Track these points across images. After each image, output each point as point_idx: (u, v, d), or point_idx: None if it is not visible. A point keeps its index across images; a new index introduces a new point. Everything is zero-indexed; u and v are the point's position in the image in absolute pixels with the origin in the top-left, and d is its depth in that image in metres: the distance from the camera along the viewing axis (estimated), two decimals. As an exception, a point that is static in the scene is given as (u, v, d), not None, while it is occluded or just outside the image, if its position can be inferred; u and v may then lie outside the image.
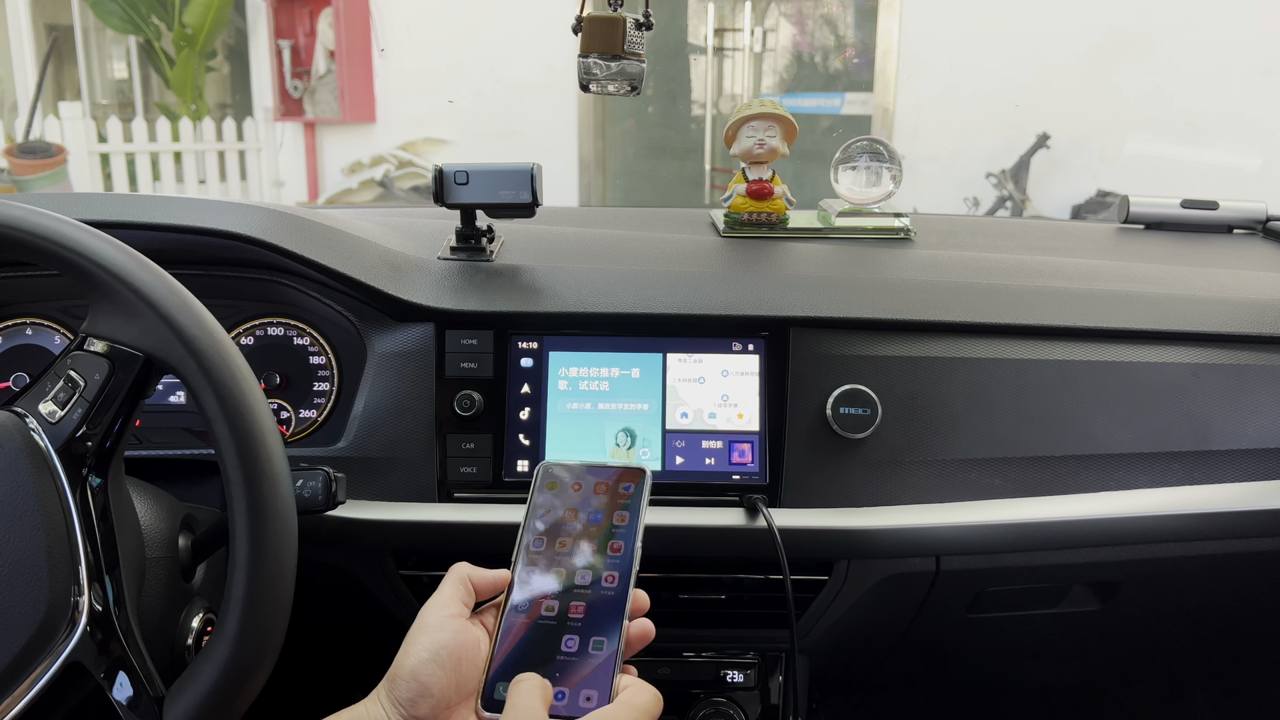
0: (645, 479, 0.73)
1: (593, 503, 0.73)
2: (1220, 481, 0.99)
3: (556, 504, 0.73)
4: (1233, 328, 1.02)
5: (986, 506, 0.96)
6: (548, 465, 0.75)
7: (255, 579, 0.64)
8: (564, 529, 0.71)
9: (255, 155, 6.54)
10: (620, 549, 0.70)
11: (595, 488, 0.73)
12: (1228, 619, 1.17)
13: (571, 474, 0.74)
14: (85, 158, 5.87)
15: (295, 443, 0.99)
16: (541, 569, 0.70)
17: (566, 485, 0.74)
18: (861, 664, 1.20)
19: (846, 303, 0.98)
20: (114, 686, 0.62)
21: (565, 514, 0.72)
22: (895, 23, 5.36)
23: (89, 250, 0.66)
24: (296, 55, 6.38)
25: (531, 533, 0.71)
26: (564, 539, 0.71)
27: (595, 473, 0.74)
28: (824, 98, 5.74)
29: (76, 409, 0.66)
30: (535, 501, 0.73)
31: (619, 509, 0.72)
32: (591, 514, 0.72)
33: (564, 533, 0.71)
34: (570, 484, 0.74)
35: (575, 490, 0.73)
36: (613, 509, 0.72)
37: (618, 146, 6.23)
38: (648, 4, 0.94)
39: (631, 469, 0.74)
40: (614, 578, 0.69)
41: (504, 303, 0.97)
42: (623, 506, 0.72)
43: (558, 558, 0.70)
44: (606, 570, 0.69)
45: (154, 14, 6.47)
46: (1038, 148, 4.99)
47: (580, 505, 0.72)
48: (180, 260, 0.93)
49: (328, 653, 1.15)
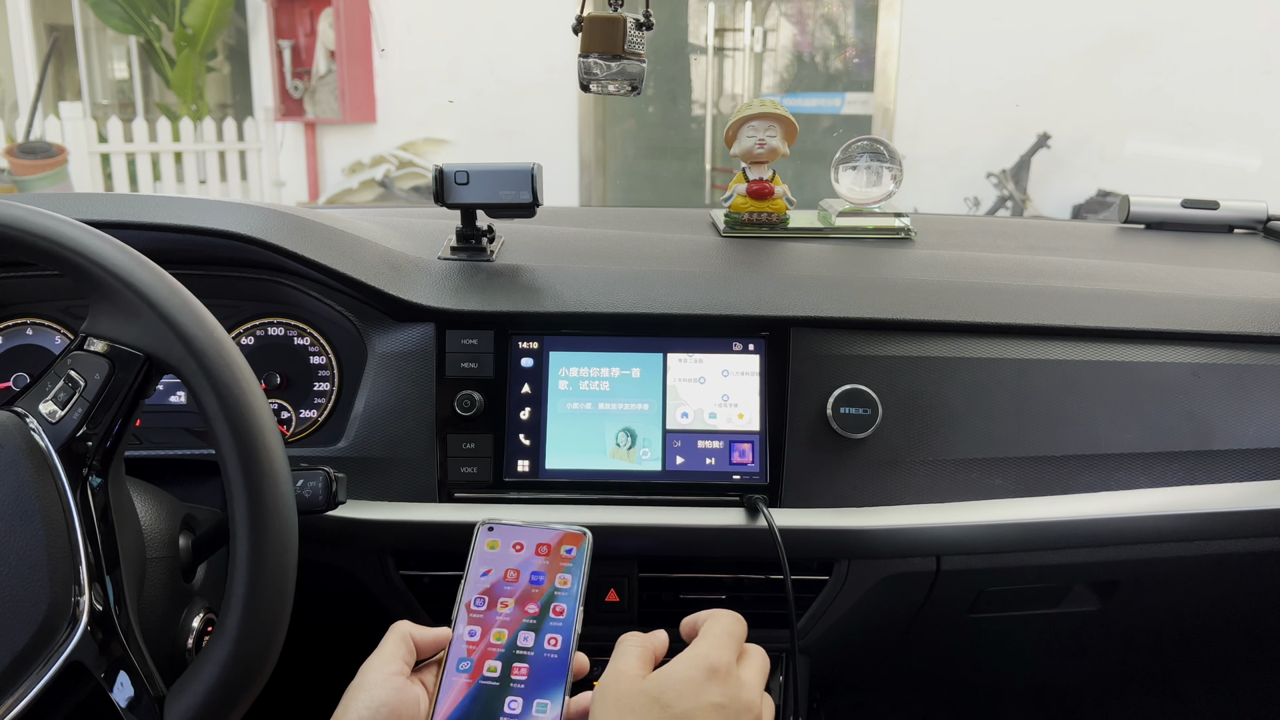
0: (586, 543, 0.73)
1: (534, 564, 0.73)
2: (1221, 481, 0.99)
3: (497, 564, 0.73)
4: (1233, 328, 1.02)
5: (987, 506, 0.96)
6: (489, 523, 0.75)
7: (256, 579, 0.64)
8: (505, 589, 0.72)
9: (256, 155, 6.54)
10: (563, 612, 0.70)
11: (537, 549, 0.73)
12: (1228, 619, 1.17)
13: (512, 534, 0.74)
14: (86, 158, 5.87)
15: (296, 443, 0.99)
16: (483, 629, 0.70)
17: (507, 545, 0.74)
18: (862, 664, 1.20)
19: (847, 303, 0.98)
20: (114, 686, 0.62)
21: (507, 573, 0.72)
22: (896, 22, 5.36)
23: (89, 250, 0.66)
24: (297, 55, 6.38)
25: (473, 590, 0.72)
26: (505, 599, 0.71)
27: (537, 534, 0.74)
28: (824, 98, 5.74)
29: (77, 409, 0.66)
30: (475, 560, 0.73)
31: (561, 571, 0.72)
32: (533, 575, 0.72)
33: (505, 593, 0.71)
34: (511, 544, 0.74)
35: (516, 551, 0.74)
36: (554, 571, 0.72)
37: (618, 146, 6.23)
38: (648, 4, 0.94)
39: (573, 533, 0.74)
40: (556, 640, 0.69)
41: (504, 303, 0.97)
42: (565, 569, 0.72)
43: (500, 618, 0.70)
44: (549, 633, 0.70)
45: (154, 14, 6.48)
46: (1038, 147, 4.99)
47: (521, 566, 0.73)
48: (181, 260, 0.93)
49: (328, 653, 1.15)
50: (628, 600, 0.97)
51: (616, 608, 0.97)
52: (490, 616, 0.70)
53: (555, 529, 0.74)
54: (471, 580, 0.72)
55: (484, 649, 0.69)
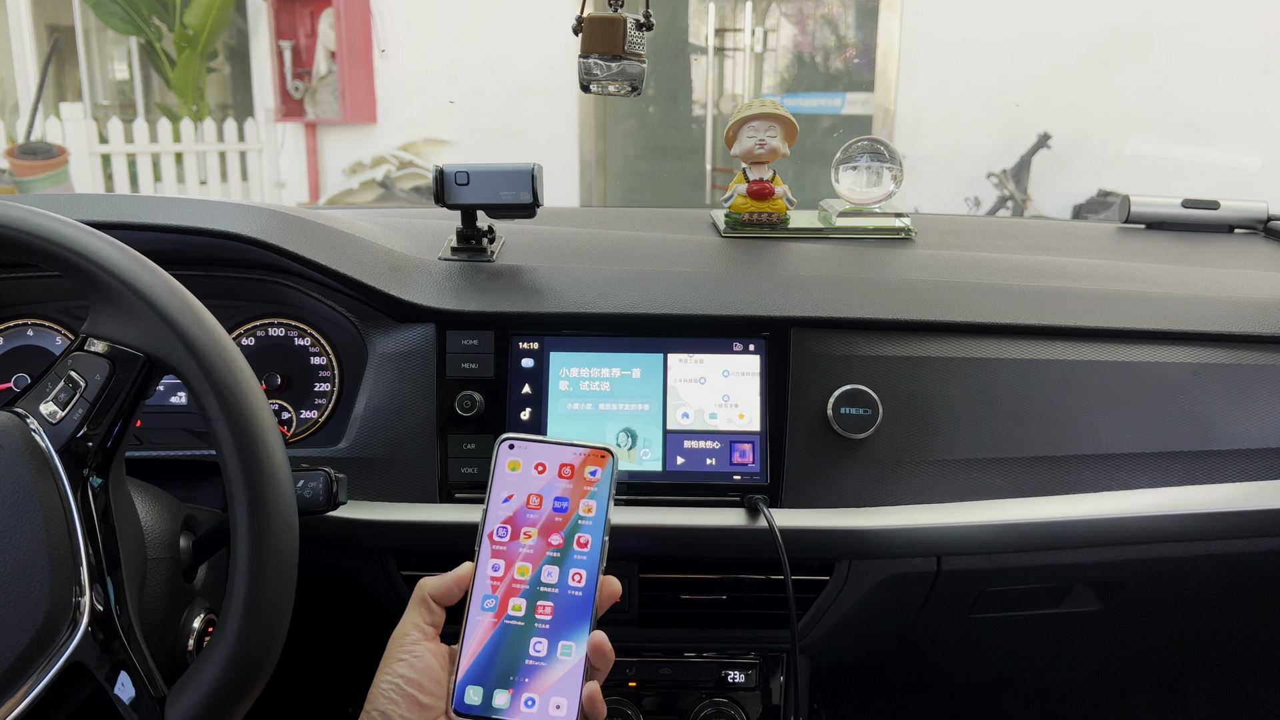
0: (612, 464, 0.71)
1: (557, 487, 0.70)
2: (1221, 481, 0.99)
3: (519, 488, 0.70)
4: (1234, 327, 1.02)
5: (988, 506, 0.96)
6: (509, 440, 0.71)
7: (256, 579, 0.64)
8: (528, 518, 0.69)
9: (256, 156, 6.54)
10: (587, 544, 0.69)
11: (560, 470, 0.70)
12: (1229, 619, 1.17)
13: (534, 452, 0.71)
14: (86, 159, 5.87)
15: (296, 443, 0.99)
16: (507, 563, 0.68)
17: (529, 466, 0.71)
18: (863, 664, 1.20)
19: (847, 303, 0.98)
20: (115, 687, 0.62)
21: (529, 499, 0.70)
22: (896, 23, 5.36)
23: (90, 251, 0.66)
24: (297, 56, 6.38)
25: (495, 519, 0.69)
26: (528, 529, 0.69)
27: (560, 452, 0.71)
28: (825, 98, 5.74)
29: (77, 409, 0.66)
30: (496, 483, 0.70)
31: (585, 497, 0.70)
32: (556, 501, 0.70)
33: (528, 522, 0.69)
34: (533, 464, 0.71)
35: (539, 472, 0.70)
36: (579, 497, 0.70)
37: (618, 147, 6.23)
38: (648, 4, 0.94)
39: (598, 451, 0.71)
40: (581, 576, 0.68)
41: (505, 303, 0.97)
42: (590, 495, 0.70)
43: (523, 550, 0.68)
44: (573, 568, 0.68)
45: (155, 15, 6.48)
46: (1039, 147, 4.99)
47: (544, 490, 0.70)
48: (181, 261, 0.93)
49: (328, 653, 1.15)
50: (628, 600, 0.97)
51: (617, 608, 0.97)
52: (514, 549, 0.68)
53: (579, 447, 0.71)
54: (493, 508, 0.70)
55: (508, 585, 0.68)
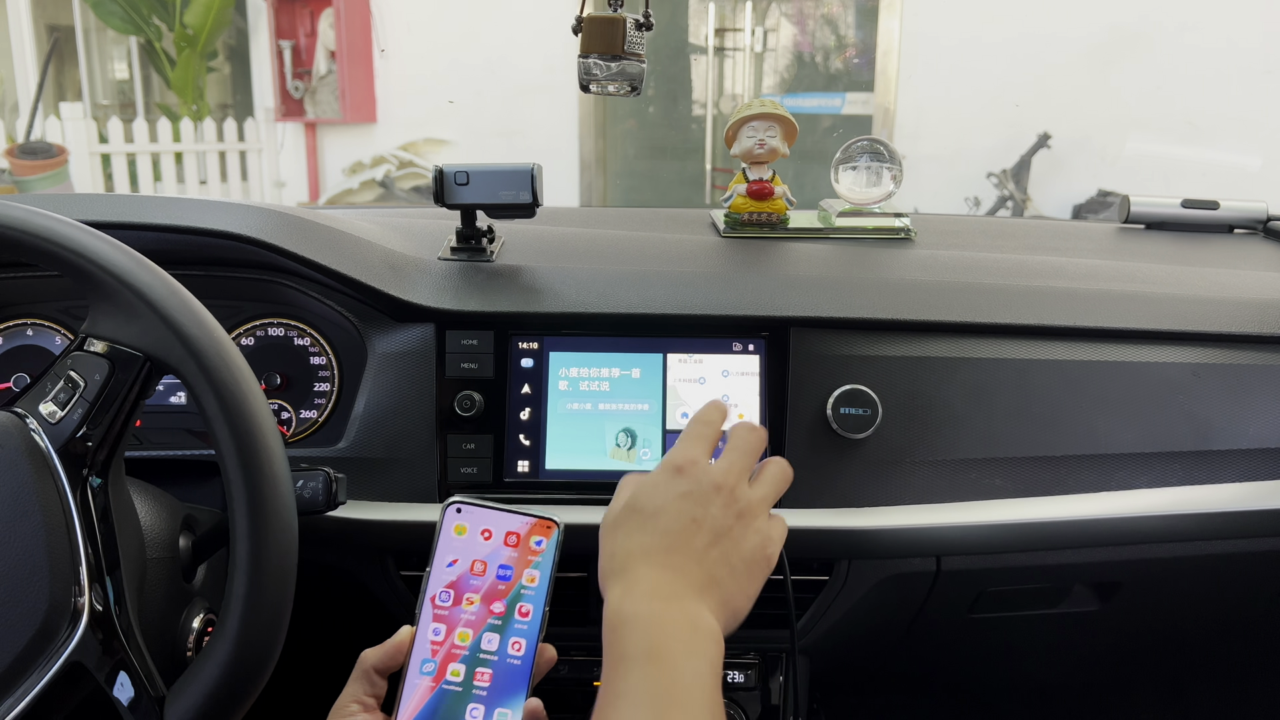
0: (556, 534, 0.71)
1: (502, 555, 0.70)
2: (1221, 481, 0.99)
3: (464, 553, 0.70)
4: (1233, 328, 1.01)
5: (987, 506, 0.96)
6: (456, 504, 0.72)
7: (256, 579, 0.64)
8: (471, 584, 0.70)
9: (256, 156, 6.54)
10: (529, 613, 0.69)
11: (506, 538, 0.71)
12: (1229, 619, 1.17)
13: (481, 518, 0.71)
14: (86, 158, 5.87)
15: (295, 443, 0.99)
16: (448, 628, 0.69)
17: (475, 531, 0.71)
18: (862, 664, 1.20)
19: (847, 303, 0.98)
20: (115, 687, 0.62)
21: (474, 565, 0.70)
22: (896, 22, 5.36)
23: (89, 251, 0.66)
24: (297, 56, 6.38)
25: (438, 583, 0.70)
26: (471, 595, 0.69)
27: (506, 520, 0.71)
28: (825, 98, 5.74)
29: (77, 409, 0.66)
30: (441, 546, 0.71)
31: (529, 567, 0.70)
32: (500, 570, 0.70)
33: (471, 588, 0.70)
34: (479, 530, 0.71)
35: (484, 539, 0.71)
36: (523, 566, 0.70)
37: (618, 147, 6.23)
38: (648, 4, 0.94)
39: (544, 521, 0.71)
40: (521, 645, 0.68)
41: (504, 303, 0.97)
42: (534, 564, 0.70)
43: (464, 616, 0.69)
44: (514, 636, 0.68)
45: (155, 14, 6.48)
46: (1039, 147, 4.99)
47: (489, 558, 0.70)
48: (181, 261, 0.93)
49: (328, 653, 1.15)
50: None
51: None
52: (455, 614, 0.69)
53: (526, 516, 0.71)
54: (437, 571, 0.70)
55: (448, 650, 0.68)
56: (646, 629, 0.61)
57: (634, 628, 0.61)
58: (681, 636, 0.61)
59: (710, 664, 0.60)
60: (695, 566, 0.65)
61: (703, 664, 0.60)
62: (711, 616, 0.63)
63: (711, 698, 0.59)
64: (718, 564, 0.66)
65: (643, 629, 0.61)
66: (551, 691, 1.00)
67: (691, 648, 0.60)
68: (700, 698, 0.58)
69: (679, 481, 0.69)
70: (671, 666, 0.59)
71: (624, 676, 0.59)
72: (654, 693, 0.57)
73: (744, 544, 0.68)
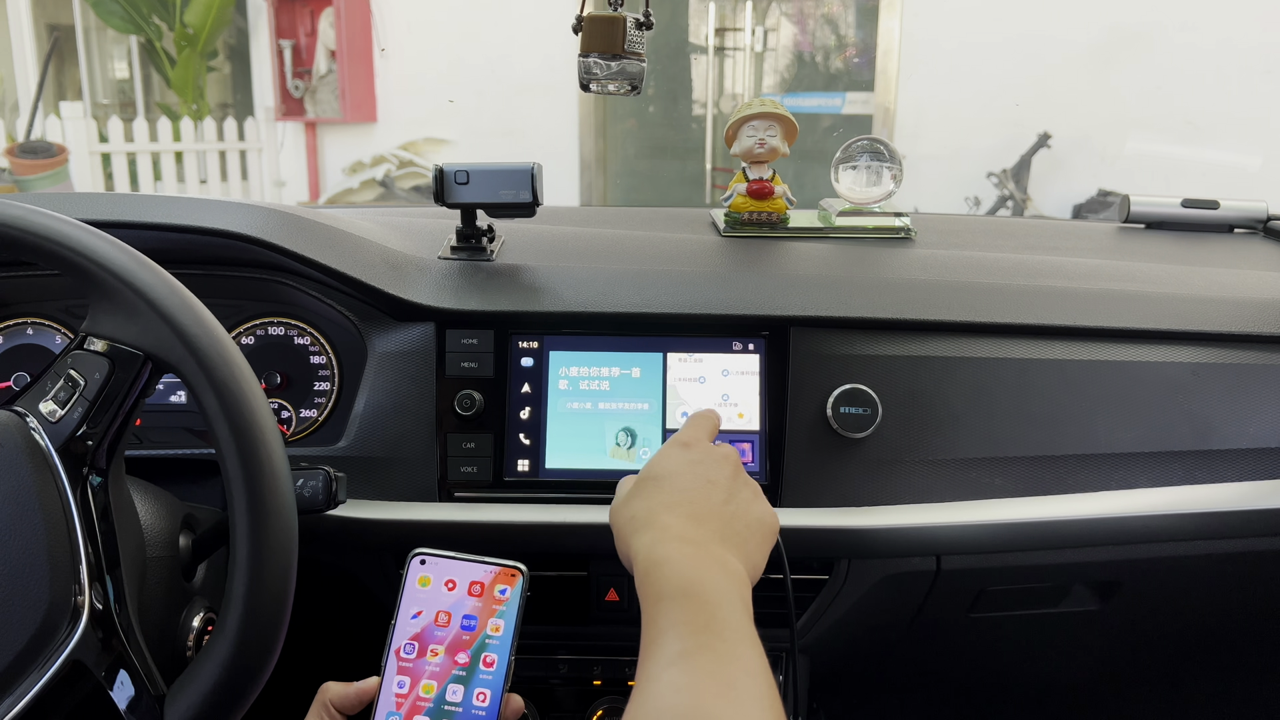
0: (522, 583, 0.72)
1: (466, 605, 0.71)
2: (1221, 481, 0.99)
3: (429, 604, 0.71)
4: (1233, 327, 1.02)
5: (987, 506, 0.96)
6: (420, 555, 0.73)
7: (256, 578, 0.64)
8: (435, 635, 0.70)
9: (256, 155, 6.54)
10: (494, 663, 0.69)
11: (470, 588, 0.72)
12: (1228, 619, 1.17)
13: (444, 569, 0.72)
14: (86, 157, 5.87)
15: (296, 442, 0.99)
16: (412, 680, 0.69)
17: (439, 582, 0.72)
18: (862, 664, 1.20)
19: (847, 302, 0.98)
20: (115, 685, 0.62)
21: (438, 616, 0.71)
22: (896, 22, 5.36)
23: (89, 250, 0.66)
24: (297, 55, 6.38)
25: (402, 635, 0.70)
26: (435, 647, 0.70)
27: (470, 569, 0.72)
28: (825, 97, 5.74)
29: (77, 408, 0.66)
30: (406, 599, 0.72)
31: (494, 616, 0.71)
32: (465, 620, 0.71)
33: (435, 639, 0.70)
34: (443, 581, 0.72)
35: (449, 590, 0.72)
36: (487, 615, 0.71)
37: (618, 146, 6.23)
38: (648, 3, 0.94)
39: (508, 569, 0.72)
40: (485, 696, 0.69)
41: (504, 302, 0.97)
42: (498, 613, 0.71)
43: (429, 668, 0.69)
44: (479, 687, 0.69)
45: (155, 14, 6.48)
46: (1039, 147, 4.99)
47: (453, 608, 0.71)
48: (181, 260, 0.93)
49: (328, 652, 1.15)
50: (627, 600, 0.97)
51: (616, 607, 0.97)
52: (420, 666, 0.69)
53: (490, 565, 0.72)
54: (401, 623, 0.71)
55: (412, 703, 0.68)
56: (680, 568, 0.63)
57: (670, 567, 0.63)
58: (714, 573, 0.64)
59: (743, 601, 0.63)
60: (715, 519, 0.69)
61: (736, 600, 0.63)
62: (738, 562, 0.67)
63: (749, 630, 0.61)
64: (734, 519, 0.70)
65: (677, 568, 0.63)
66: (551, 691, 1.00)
67: (724, 585, 0.63)
68: (739, 628, 0.60)
69: (689, 452, 0.75)
70: (708, 600, 0.61)
71: (665, 613, 0.60)
72: (696, 624, 0.59)
73: (753, 508, 0.73)
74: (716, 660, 0.56)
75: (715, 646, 0.57)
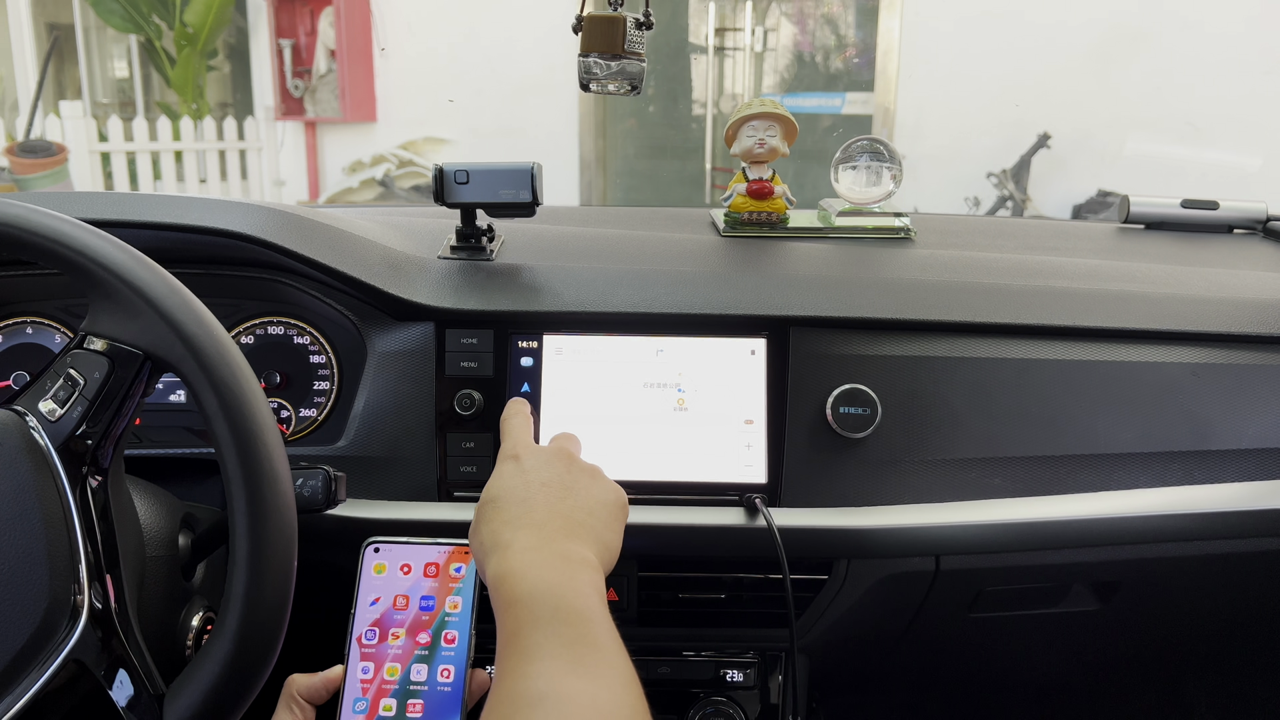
0: None
1: (423, 587, 0.72)
2: (1220, 481, 0.99)
3: (386, 590, 0.72)
4: (1233, 328, 1.02)
5: (986, 506, 0.96)
6: (373, 544, 0.74)
7: (255, 578, 0.64)
8: (395, 619, 0.71)
9: (256, 154, 6.54)
10: (455, 639, 0.70)
11: (425, 569, 0.72)
12: (1228, 619, 1.17)
13: (398, 554, 0.73)
14: (86, 156, 5.87)
15: (295, 441, 0.99)
16: (376, 665, 0.70)
17: (394, 567, 0.73)
18: (861, 663, 1.20)
19: (846, 302, 0.98)
20: (114, 684, 0.62)
21: (396, 600, 0.72)
22: (896, 22, 5.36)
23: (89, 249, 0.66)
24: (297, 54, 6.38)
25: (362, 623, 0.71)
26: (396, 630, 0.70)
27: (424, 552, 0.73)
28: (825, 97, 5.74)
29: (76, 407, 0.66)
30: (363, 587, 0.72)
31: (451, 594, 0.71)
32: (423, 601, 0.71)
33: (395, 623, 0.71)
34: (398, 565, 0.73)
35: (404, 573, 0.72)
36: (444, 594, 0.71)
37: (618, 146, 6.23)
38: (648, 3, 0.94)
39: (461, 548, 0.73)
40: (450, 672, 0.69)
41: (504, 302, 0.97)
42: (455, 591, 0.71)
43: (391, 651, 0.70)
44: (442, 664, 0.69)
45: (155, 13, 6.47)
46: (1038, 147, 4.99)
47: (410, 591, 0.72)
48: (181, 259, 0.93)
49: (328, 652, 1.15)
50: (627, 599, 0.97)
51: (616, 606, 0.97)
52: (382, 650, 0.70)
53: (443, 545, 0.73)
54: (360, 611, 0.72)
55: (378, 687, 0.69)
56: (524, 574, 0.63)
57: (514, 576, 0.63)
58: (556, 567, 0.63)
59: (592, 586, 0.63)
60: (557, 519, 0.68)
61: (584, 585, 0.62)
62: (585, 549, 0.66)
63: (600, 612, 0.61)
64: (577, 510, 0.70)
65: (520, 576, 0.63)
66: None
67: (567, 573, 0.63)
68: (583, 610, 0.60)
69: (518, 464, 0.74)
70: (555, 594, 0.61)
71: (514, 618, 0.60)
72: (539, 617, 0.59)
73: (592, 492, 0.72)
74: (563, 643, 0.57)
75: (562, 632, 0.58)
